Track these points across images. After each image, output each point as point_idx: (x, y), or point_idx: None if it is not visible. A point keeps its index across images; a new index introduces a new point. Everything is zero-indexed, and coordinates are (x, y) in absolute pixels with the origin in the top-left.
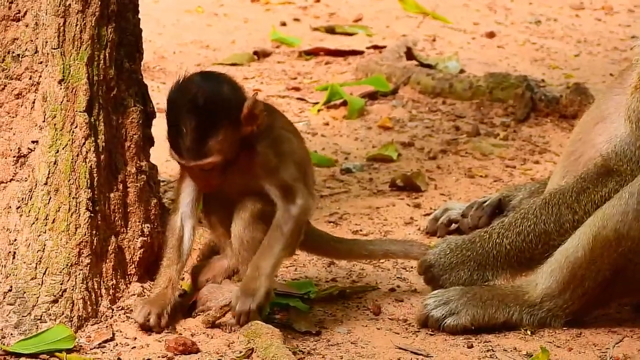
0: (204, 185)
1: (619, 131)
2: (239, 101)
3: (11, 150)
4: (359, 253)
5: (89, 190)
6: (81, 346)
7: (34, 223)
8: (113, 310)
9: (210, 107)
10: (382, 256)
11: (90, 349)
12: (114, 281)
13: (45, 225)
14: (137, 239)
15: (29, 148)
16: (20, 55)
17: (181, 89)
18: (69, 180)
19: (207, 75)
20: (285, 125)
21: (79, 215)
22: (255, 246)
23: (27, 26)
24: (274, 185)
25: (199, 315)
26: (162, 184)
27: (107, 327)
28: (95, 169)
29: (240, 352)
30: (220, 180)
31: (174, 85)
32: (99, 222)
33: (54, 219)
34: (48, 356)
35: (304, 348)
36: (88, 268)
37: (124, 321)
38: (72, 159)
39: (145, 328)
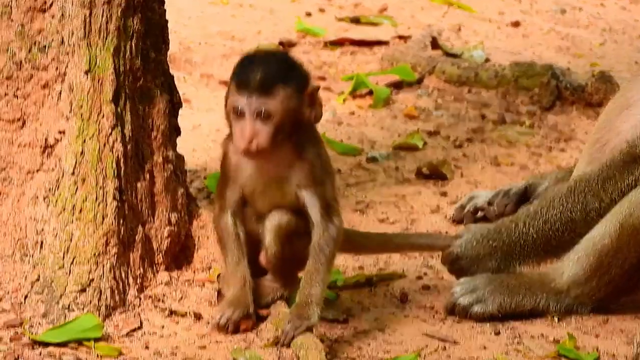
0: (248, 147)
1: None
2: (306, 76)
3: (38, 140)
4: (387, 247)
5: (116, 179)
6: (109, 335)
7: (61, 213)
8: (141, 299)
9: (284, 61)
10: (408, 249)
11: (118, 338)
12: (142, 270)
13: (73, 215)
14: (164, 228)
15: (55, 138)
16: (47, 46)
17: (260, 49)
18: (96, 170)
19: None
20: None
21: (106, 205)
22: (285, 255)
23: (53, 17)
24: (317, 199)
25: None
26: (188, 173)
27: (134, 315)
28: (122, 159)
29: (268, 339)
30: (267, 153)
31: (251, 51)
32: (126, 212)
33: (81, 209)
34: (76, 345)
35: (331, 335)
36: (115, 257)
37: (151, 310)
38: (99, 149)
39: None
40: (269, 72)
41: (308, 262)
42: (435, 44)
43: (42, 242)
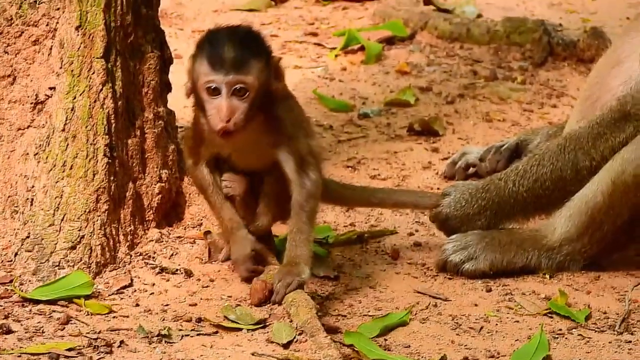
0: (226, 127)
1: (635, 74)
2: (270, 48)
3: (29, 96)
4: (368, 201)
5: (107, 136)
6: (99, 292)
7: (51, 169)
8: (131, 256)
9: (253, 35)
10: (391, 205)
11: (109, 295)
12: (132, 227)
13: (63, 172)
14: (155, 184)
15: (46, 94)
16: (37, 2)
17: (223, 26)
18: (87, 126)
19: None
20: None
21: (97, 162)
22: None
23: None
24: (291, 155)
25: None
26: (179, 129)
27: (125, 273)
28: (113, 115)
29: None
30: (241, 131)
31: (212, 28)
32: (117, 168)
33: (72, 166)
34: (66, 302)
35: (323, 292)
36: (106, 214)
37: (142, 267)
38: (90, 105)
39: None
40: (243, 48)
41: (291, 220)
42: (427, 0)
43: (32, 199)
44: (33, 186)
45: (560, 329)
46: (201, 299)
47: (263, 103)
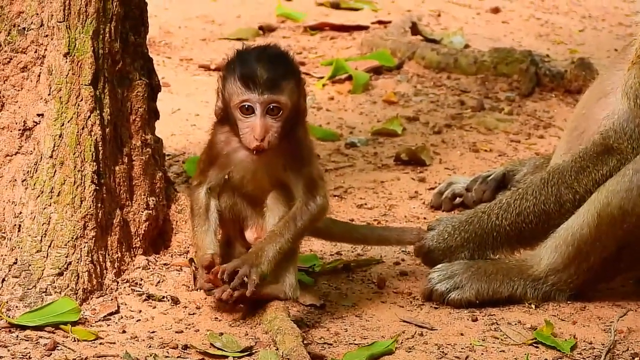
0: (261, 145)
1: (617, 107)
2: (300, 69)
3: (16, 123)
4: (352, 236)
5: (94, 163)
6: (86, 319)
7: (39, 196)
8: (118, 283)
9: (284, 55)
10: (375, 242)
11: (95, 322)
12: (119, 254)
13: (51, 198)
14: (142, 212)
15: (34, 121)
16: (26, 29)
17: (252, 46)
18: (74, 153)
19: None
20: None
21: (84, 188)
22: None
23: None
24: (302, 179)
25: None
26: (167, 157)
27: (112, 299)
28: (101, 142)
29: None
30: (271, 147)
31: (241, 48)
32: (104, 195)
33: (59, 192)
34: (53, 329)
35: (309, 321)
36: (93, 241)
37: (129, 294)
38: (78, 132)
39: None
40: (276, 68)
41: (277, 223)
42: (415, 30)
43: (19, 225)
44: (20, 212)
45: (546, 359)
46: (187, 326)
47: (290, 123)
